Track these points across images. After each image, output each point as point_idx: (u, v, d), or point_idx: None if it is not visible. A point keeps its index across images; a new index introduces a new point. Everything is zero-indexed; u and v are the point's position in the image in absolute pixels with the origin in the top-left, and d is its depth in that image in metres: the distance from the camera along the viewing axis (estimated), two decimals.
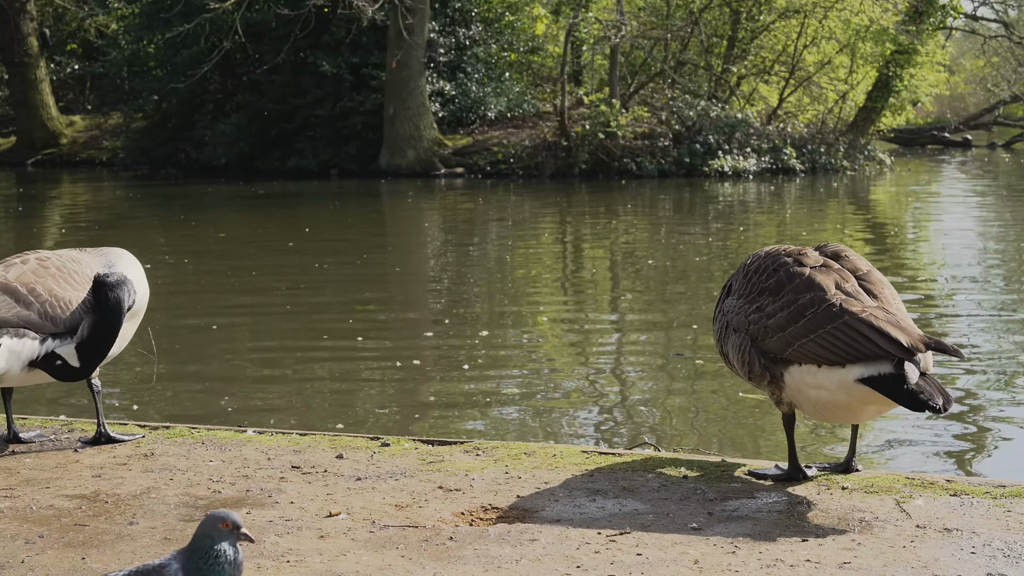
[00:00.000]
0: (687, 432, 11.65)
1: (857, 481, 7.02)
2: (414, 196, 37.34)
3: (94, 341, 7.68)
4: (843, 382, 6.67)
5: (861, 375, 6.60)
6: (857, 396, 6.69)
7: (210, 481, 7.17)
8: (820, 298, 6.78)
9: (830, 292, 6.80)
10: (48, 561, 5.94)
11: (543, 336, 16.52)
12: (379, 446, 7.89)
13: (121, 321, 7.71)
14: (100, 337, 7.69)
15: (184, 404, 12.83)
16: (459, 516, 6.57)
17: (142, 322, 8.46)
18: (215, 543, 4.59)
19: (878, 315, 6.62)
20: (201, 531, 4.62)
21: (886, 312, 6.68)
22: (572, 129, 41.87)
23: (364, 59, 43.73)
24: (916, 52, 43.65)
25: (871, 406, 6.82)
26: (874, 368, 6.57)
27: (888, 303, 6.83)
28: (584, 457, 7.59)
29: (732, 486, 7.00)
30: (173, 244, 26.97)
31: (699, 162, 40.75)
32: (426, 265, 23.95)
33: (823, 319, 6.70)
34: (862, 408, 6.85)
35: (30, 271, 7.75)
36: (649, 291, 19.79)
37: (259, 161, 44.86)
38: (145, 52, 48.67)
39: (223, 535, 4.60)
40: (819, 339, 6.68)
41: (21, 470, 7.45)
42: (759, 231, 28.15)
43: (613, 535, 6.20)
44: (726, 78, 46.14)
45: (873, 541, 6.08)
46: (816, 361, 6.73)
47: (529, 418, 12.32)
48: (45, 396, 12.65)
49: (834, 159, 42.66)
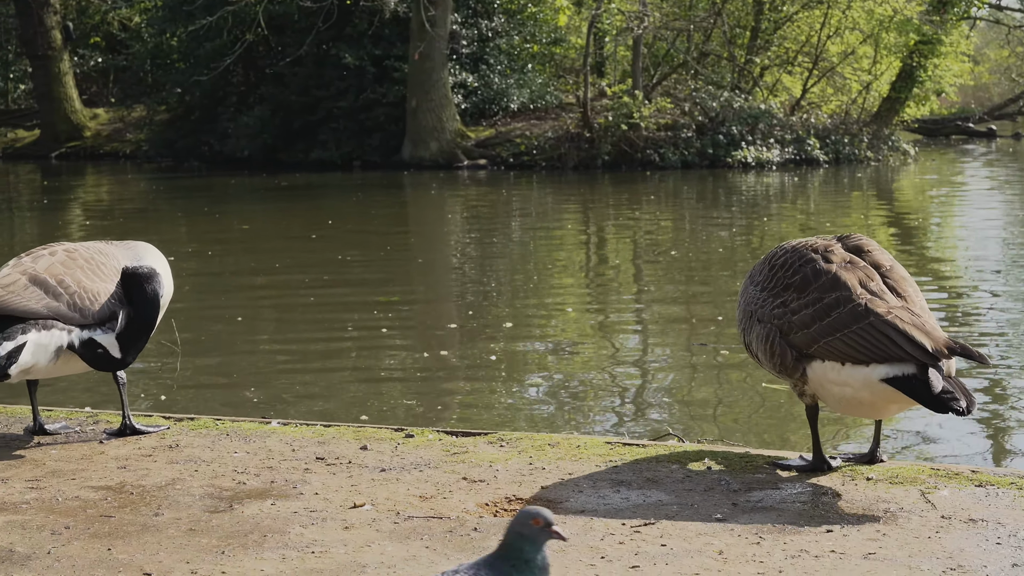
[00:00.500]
0: (711, 423, 11.64)
1: (882, 472, 7.01)
2: (437, 188, 37.35)
3: (133, 332, 7.73)
4: (867, 381, 6.67)
5: (885, 375, 6.60)
6: (881, 395, 6.69)
7: (235, 472, 7.19)
8: (846, 297, 6.77)
9: (855, 292, 6.79)
10: (74, 552, 5.96)
11: (567, 327, 16.51)
12: (403, 437, 7.90)
13: (158, 312, 7.79)
14: (138, 328, 7.74)
15: (208, 395, 12.86)
16: (483, 507, 6.57)
17: (166, 313, 8.48)
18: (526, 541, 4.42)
19: (904, 317, 6.62)
20: (512, 529, 4.44)
21: (911, 314, 6.67)
22: (595, 120, 41.81)
23: (387, 51, 43.71)
24: (940, 42, 43.45)
25: (894, 404, 6.83)
26: (898, 368, 6.57)
27: (912, 302, 6.82)
28: (608, 448, 7.59)
29: (756, 477, 6.99)
30: (197, 236, 27.01)
31: (722, 153, 40.65)
32: (449, 256, 23.95)
33: (848, 319, 6.70)
34: (885, 406, 6.86)
35: (59, 263, 7.78)
36: (672, 282, 19.77)
37: (282, 153, 44.88)
38: (168, 45, 48.72)
39: (535, 532, 4.42)
40: (844, 338, 6.68)
41: (47, 461, 7.48)
42: (782, 222, 28.09)
43: (637, 526, 6.20)
44: (749, 69, 46.03)
45: (898, 532, 6.07)
46: (840, 359, 6.74)
47: (553, 409, 12.32)
48: (70, 388, 12.69)
49: (858, 150, 42.50)
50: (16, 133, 53.99)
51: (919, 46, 43.30)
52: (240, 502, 6.66)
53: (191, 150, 47.06)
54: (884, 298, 6.79)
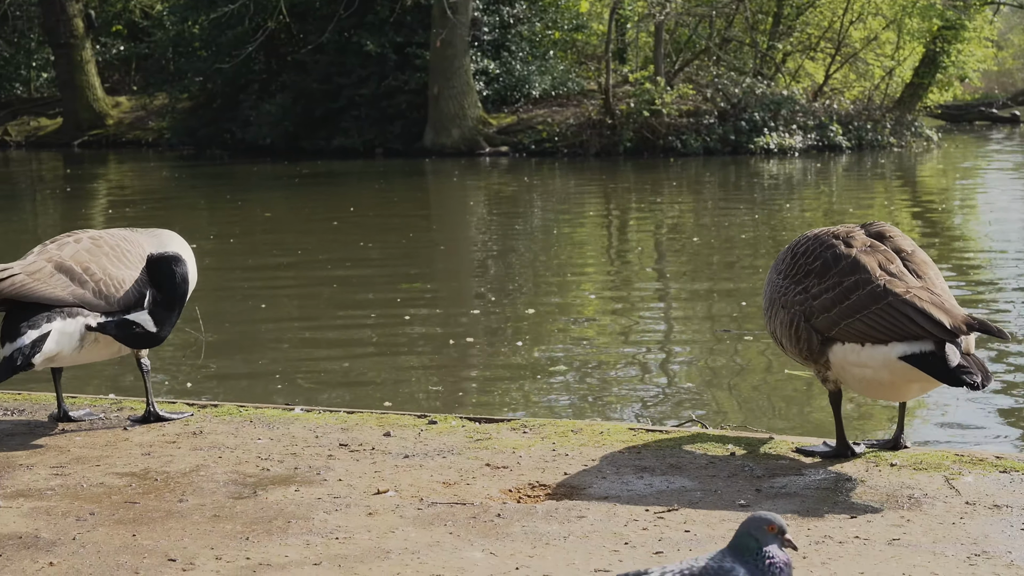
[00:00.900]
0: (734, 409, 11.64)
1: (906, 458, 7.00)
2: (459, 175, 37.34)
3: (165, 307, 7.75)
4: (886, 360, 6.67)
5: (903, 353, 6.60)
6: (900, 374, 6.69)
7: (258, 459, 7.20)
8: (865, 280, 6.78)
9: (875, 273, 6.79)
10: (99, 538, 5.98)
11: (589, 314, 16.51)
12: (426, 424, 7.91)
13: (187, 292, 7.82)
14: (170, 303, 7.76)
15: (232, 383, 12.89)
16: (507, 493, 6.58)
17: (190, 301, 8.50)
18: (762, 546, 4.35)
19: (922, 296, 6.62)
20: (745, 531, 4.39)
21: (930, 293, 6.67)
22: (617, 107, 41.75)
23: (408, 38, 43.69)
24: (963, 27, 43.32)
25: (914, 384, 6.82)
26: (916, 346, 6.57)
27: (932, 283, 6.82)
28: (631, 434, 7.59)
29: (780, 463, 6.98)
30: (219, 224, 27.06)
31: (744, 139, 40.56)
32: (472, 243, 23.95)
33: (867, 300, 6.70)
34: (906, 385, 6.85)
35: (84, 250, 7.80)
36: (695, 268, 19.74)
37: (304, 141, 44.91)
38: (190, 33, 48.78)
39: (768, 538, 4.36)
40: (863, 319, 6.69)
41: (71, 448, 7.50)
42: (805, 209, 28.03)
43: (661, 512, 6.20)
44: (771, 55, 45.92)
45: (922, 518, 6.06)
46: (860, 340, 6.74)
47: (576, 395, 12.32)
48: (94, 375, 12.72)
49: (880, 136, 42.38)
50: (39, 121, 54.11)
51: (942, 31, 43.16)
52: (264, 488, 6.67)
53: (213, 138, 47.10)
54: (903, 279, 6.79)
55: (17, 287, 7.53)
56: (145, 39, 53.59)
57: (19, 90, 55.90)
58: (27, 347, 7.40)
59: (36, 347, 7.43)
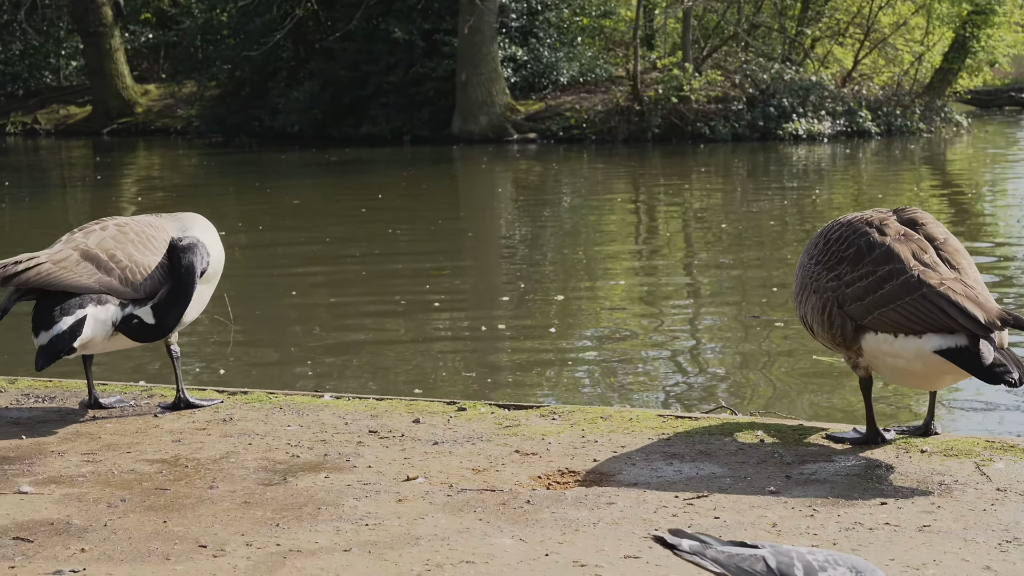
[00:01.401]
0: (763, 395, 11.62)
1: (936, 444, 6.97)
2: (487, 162, 37.35)
3: (169, 302, 7.73)
4: (920, 352, 6.64)
5: (938, 346, 6.57)
6: (933, 366, 6.67)
7: (288, 446, 7.22)
8: (899, 270, 6.74)
9: (908, 264, 6.76)
10: (130, 524, 6.00)
11: (618, 300, 16.50)
12: (456, 410, 7.91)
13: (194, 283, 7.75)
14: (175, 298, 7.73)
15: (261, 369, 12.92)
16: (536, 480, 6.58)
17: (218, 288, 8.51)
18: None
19: (956, 288, 6.58)
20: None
21: (964, 285, 6.63)
22: (645, 93, 41.67)
23: (436, 25, 43.68)
24: (993, 12, 43.10)
25: (947, 375, 6.80)
26: (951, 340, 6.54)
27: (966, 274, 6.79)
28: (660, 421, 7.58)
29: (809, 449, 6.97)
30: (248, 211, 27.12)
31: (773, 126, 40.46)
32: (500, 230, 23.96)
33: (901, 291, 6.67)
34: (938, 377, 6.83)
35: (110, 237, 7.82)
36: (724, 255, 19.71)
37: (332, 128, 44.94)
38: (218, 20, 48.85)
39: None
40: (897, 309, 6.66)
41: (102, 435, 7.53)
42: (834, 195, 27.96)
43: (690, 498, 6.20)
44: (800, 40, 45.77)
45: (953, 504, 6.04)
46: (893, 330, 6.71)
47: (605, 382, 12.32)
48: (124, 362, 12.77)
49: (910, 121, 42.23)
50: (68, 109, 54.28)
51: (972, 16, 42.96)
52: (294, 475, 6.69)
53: (241, 126, 47.17)
54: (937, 270, 6.75)
55: (44, 275, 7.55)
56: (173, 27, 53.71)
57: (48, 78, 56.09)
58: (66, 332, 7.43)
59: (75, 331, 7.45)
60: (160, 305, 7.73)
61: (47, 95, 55.16)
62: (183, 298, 7.74)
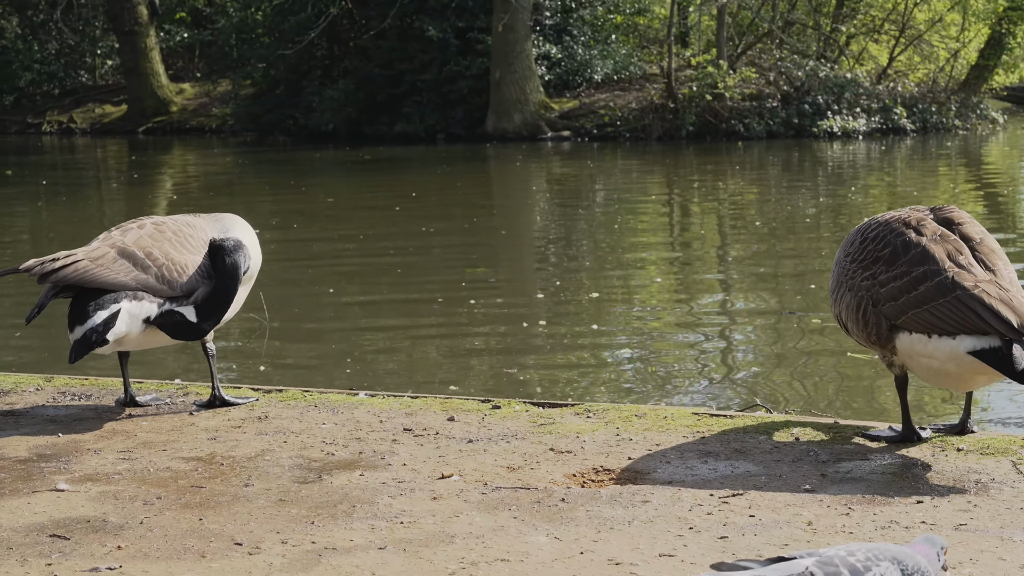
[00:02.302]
0: (798, 393, 11.59)
1: (972, 443, 6.95)
2: (521, 160, 37.33)
3: (212, 302, 7.77)
4: (953, 353, 6.63)
5: (971, 348, 6.56)
6: (967, 367, 6.65)
7: (323, 444, 7.23)
8: (934, 271, 6.72)
9: (944, 265, 6.74)
10: (166, 522, 6.02)
11: (653, 297, 16.48)
12: (490, 408, 7.91)
13: (238, 284, 7.80)
14: (217, 299, 7.78)
15: (296, 367, 12.95)
16: (571, 478, 6.58)
17: (254, 287, 8.54)
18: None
19: (990, 291, 6.56)
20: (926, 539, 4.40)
21: (999, 287, 6.61)
22: (679, 91, 41.60)
23: (470, 23, 43.67)
24: None
25: (981, 376, 6.79)
26: (985, 341, 6.53)
27: (1001, 276, 6.76)
28: (695, 419, 7.57)
29: (845, 448, 6.95)
30: (283, 209, 27.17)
31: (808, 123, 40.33)
32: (535, 228, 23.96)
33: (935, 292, 6.66)
34: (972, 378, 6.82)
35: (147, 235, 7.85)
36: (759, 252, 19.67)
37: (366, 126, 44.98)
38: (253, 19, 48.94)
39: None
40: (931, 310, 6.65)
41: (138, 433, 7.56)
42: (869, 192, 27.87)
43: (725, 497, 6.19)
44: (835, 37, 45.62)
45: (989, 503, 6.02)
46: (927, 331, 6.70)
47: (640, 380, 12.31)
48: (160, 361, 12.81)
49: (946, 118, 42.06)
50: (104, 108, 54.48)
51: (1008, 12, 42.76)
52: (329, 473, 6.70)
53: (276, 124, 47.25)
54: (972, 271, 6.73)
55: (80, 273, 7.59)
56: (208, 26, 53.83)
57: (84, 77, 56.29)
58: (100, 325, 7.48)
59: (109, 324, 7.50)
60: (203, 304, 7.77)
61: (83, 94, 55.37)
62: (226, 298, 7.78)
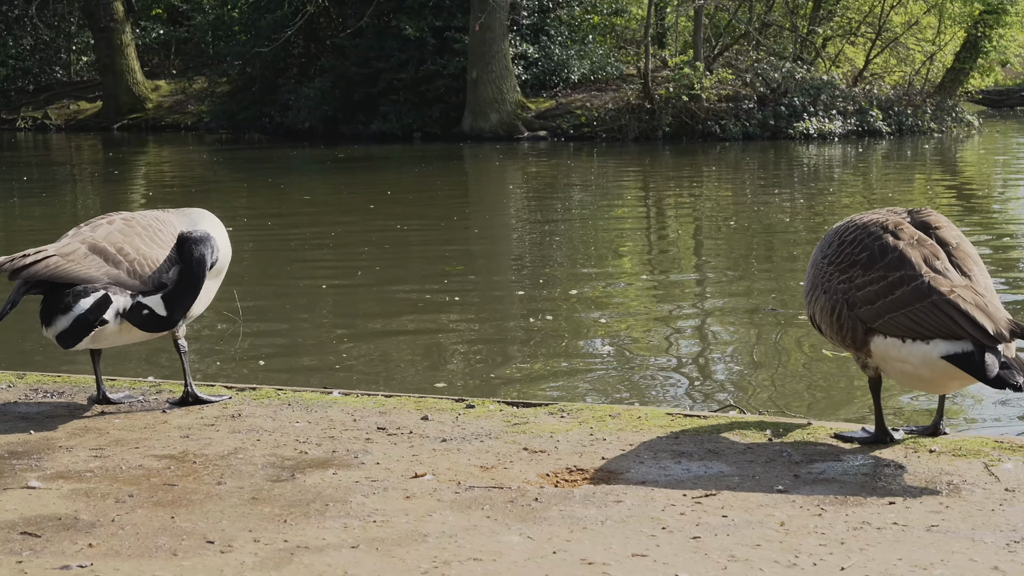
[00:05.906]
0: (772, 394, 11.61)
1: (945, 444, 6.96)
2: (497, 159, 37.33)
3: (179, 293, 7.76)
4: (927, 358, 6.64)
5: (945, 352, 6.57)
6: (940, 372, 6.67)
7: (297, 442, 7.22)
8: (910, 276, 6.74)
9: (920, 270, 6.75)
10: (138, 520, 6.00)
11: (628, 298, 16.49)
12: (464, 408, 7.91)
13: (204, 274, 7.78)
14: (184, 289, 7.76)
15: (270, 366, 12.92)
16: (544, 477, 6.57)
17: (227, 283, 8.51)
18: None
19: (965, 296, 6.58)
20: None
21: (974, 293, 6.63)
22: (656, 92, 41.67)
23: (447, 22, 43.70)
24: (1005, 12, 43.07)
25: (954, 381, 6.80)
26: (959, 346, 6.55)
27: (976, 281, 6.79)
28: (669, 419, 7.57)
29: (818, 449, 6.96)
30: (258, 207, 27.13)
31: (784, 125, 40.46)
32: (510, 227, 23.95)
33: (911, 297, 6.67)
34: (945, 382, 6.83)
35: (117, 231, 7.83)
36: (734, 253, 19.69)
37: (343, 125, 44.99)
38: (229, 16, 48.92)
39: None
40: (906, 315, 6.66)
41: (110, 430, 7.53)
42: (845, 194, 27.92)
43: (699, 497, 6.19)
44: (811, 40, 45.74)
45: (961, 504, 6.03)
46: (902, 335, 6.71)
47: (614, 380, 12.31)
48: (133, 358, 12.77)
49: (921, 121, 42.21)
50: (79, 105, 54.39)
51: (984, 16, 42.92)
52: (302, 471, 6.68)
53: (252, 122, 47.24)
54: (948, 276, 6.75)
55: (52, 268, 7.57)
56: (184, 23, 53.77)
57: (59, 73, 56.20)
58: (90, 310, 7.46)
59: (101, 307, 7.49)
60: (169, 296, 7.75)
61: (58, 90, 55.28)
62: (192, 289, 7.77)
